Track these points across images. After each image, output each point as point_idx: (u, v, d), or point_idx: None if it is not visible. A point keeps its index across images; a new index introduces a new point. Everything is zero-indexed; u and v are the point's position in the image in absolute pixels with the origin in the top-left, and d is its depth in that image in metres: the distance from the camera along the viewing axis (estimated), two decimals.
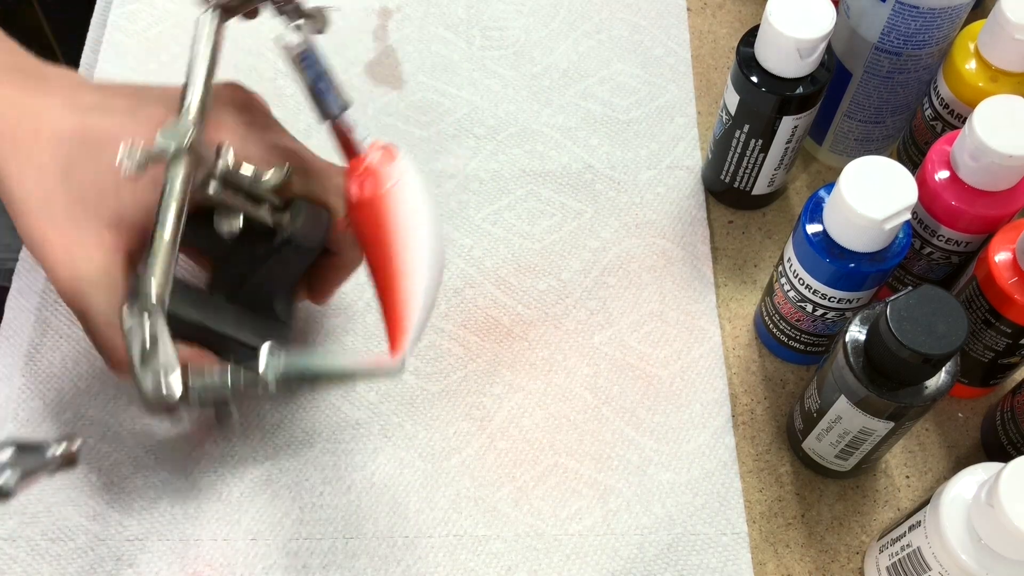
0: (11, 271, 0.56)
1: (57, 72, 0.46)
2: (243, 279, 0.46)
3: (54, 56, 1.01)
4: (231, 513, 0.49)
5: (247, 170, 0.42)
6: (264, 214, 0.43)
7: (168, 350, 0.36)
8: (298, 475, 0.50)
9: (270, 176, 0.43)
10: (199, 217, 0.42)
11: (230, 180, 0.42)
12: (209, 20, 0.41)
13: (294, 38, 0.41)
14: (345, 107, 0.42)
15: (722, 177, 0.57)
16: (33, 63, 0.46)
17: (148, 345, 0.36)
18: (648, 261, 0.57)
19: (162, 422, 0.37)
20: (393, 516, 0.49)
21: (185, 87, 0.41)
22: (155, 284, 0.38)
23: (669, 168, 0.60)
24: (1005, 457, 0.44)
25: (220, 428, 0.37)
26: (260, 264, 0.45)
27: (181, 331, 0.44)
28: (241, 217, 0.42)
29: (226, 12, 0.42)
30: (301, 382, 0.37)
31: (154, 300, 0.38)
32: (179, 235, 0.39)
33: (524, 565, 0.49)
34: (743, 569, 0.48)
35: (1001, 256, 0.45)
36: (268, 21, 0.43)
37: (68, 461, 0.36)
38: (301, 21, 0.42)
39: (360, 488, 0.50)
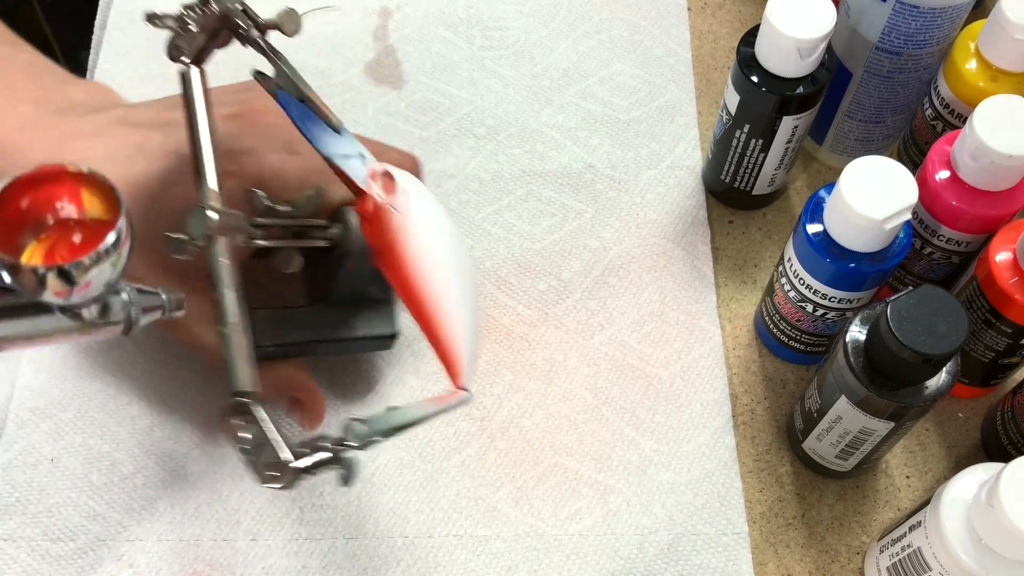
0: None
1: (80, 95, 0.46)
2: (328, 288, 0.47)
3: (54, 56, 1.01)
4: (231, 513, 0.49)
5: (282, 206, 0.42)
6: (316, 239, 0.43)
7: (276, 443, 0.35)
8: None
9: (304, 204, 0.42)
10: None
11: (271, 226, 0.41)
12: (196, 74, 0.41)
13: (268, 75, 0.41)
14: (336, 131, 0.42)
15: (722, 177, 0.57)
16: (55, 81, 0.46)
17: (256, 443, 0.35)
18: (648, 261, 0.56)
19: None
20: (393, 516, 0.49)
21: (195, 153, 0.39)
22: (244, 380, 0.36)
23: (669, 168, 0.60)
24: (1005, 457, 0.44)
25: (344, 484, 0.37)
26: (333, 274, 0.46)
27: (298, 352, 0.47)
28: (296, 256, 0.42)
29: (202, 59, 0.41)
30: (388, 436, 0.37)
31: (250, 390, 0.36)
32: (243, 319, 0.37)
33: (524, 565, 0.48)
34: (743, 569, 0.48)
35: (1001, 256, 0.45)
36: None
37: (179, 306, 0.37)
38: (267, 39, 0.41)
39: (360, 488, 0.50)
